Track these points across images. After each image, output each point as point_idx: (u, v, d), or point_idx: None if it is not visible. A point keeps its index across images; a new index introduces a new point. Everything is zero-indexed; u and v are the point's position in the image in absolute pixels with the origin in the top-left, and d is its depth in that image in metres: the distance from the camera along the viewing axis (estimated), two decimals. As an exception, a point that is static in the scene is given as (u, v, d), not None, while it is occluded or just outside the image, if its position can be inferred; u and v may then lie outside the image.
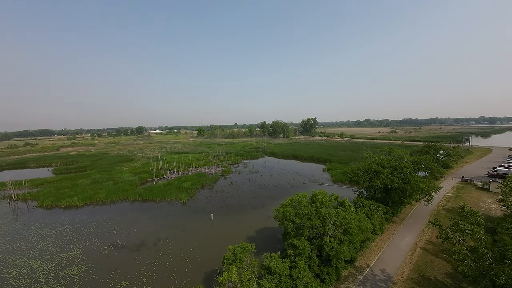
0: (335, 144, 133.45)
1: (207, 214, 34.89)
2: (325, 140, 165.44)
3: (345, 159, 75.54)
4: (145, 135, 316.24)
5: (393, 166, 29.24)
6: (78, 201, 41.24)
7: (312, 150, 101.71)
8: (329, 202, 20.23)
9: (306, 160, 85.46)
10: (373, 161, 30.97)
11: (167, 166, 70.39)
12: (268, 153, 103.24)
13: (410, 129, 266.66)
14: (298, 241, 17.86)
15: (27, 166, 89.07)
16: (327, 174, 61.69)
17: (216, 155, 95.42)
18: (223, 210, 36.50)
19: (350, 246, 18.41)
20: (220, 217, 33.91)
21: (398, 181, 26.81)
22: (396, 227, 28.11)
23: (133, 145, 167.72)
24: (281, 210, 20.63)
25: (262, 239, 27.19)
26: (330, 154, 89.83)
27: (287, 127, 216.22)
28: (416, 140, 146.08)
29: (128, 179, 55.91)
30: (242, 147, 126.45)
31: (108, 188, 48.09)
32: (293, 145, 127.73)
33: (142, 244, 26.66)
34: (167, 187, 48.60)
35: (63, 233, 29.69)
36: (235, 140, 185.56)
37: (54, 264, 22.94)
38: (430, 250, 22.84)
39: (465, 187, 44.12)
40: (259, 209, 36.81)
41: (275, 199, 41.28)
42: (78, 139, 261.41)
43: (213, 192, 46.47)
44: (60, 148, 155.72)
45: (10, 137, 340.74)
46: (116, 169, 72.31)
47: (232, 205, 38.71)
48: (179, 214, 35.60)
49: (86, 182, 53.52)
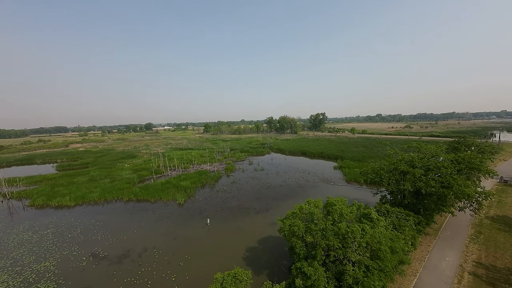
0: (346, 140, 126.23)
1: (204, 218, 30.94)
2: (335, 136, 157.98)
3: (358, 156, 69.53)
4: (153, 132, 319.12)
5: (426, 165, 23.71)
6: (70, 200, 38.62)
7: (322, 146, 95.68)
8: (350, 213, 15.41)
9: (315, 156, 79.87)
10: (400, 160, 25.45)
11: (169, 163, 67.51)
12: (275, 149, 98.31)
13: (426, 124, 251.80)
14: (310, 269, 13.28)
15: (33, 162, 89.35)
16: (339, 172, 56.19)
17: (220, 152, 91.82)
18: (222, 214, 32.43)
19: (381, 276, 13.60)
20: (217, 222, 29.85)
21: (436, 184, 21.37)
22: (431, 241, 22.81)
23: (139, 141, 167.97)
24: (287, 223, 16.06)
25: (264, 252, 22.85)
26: (341, 150, 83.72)
27: (294, 123, 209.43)
28: (435, 135, 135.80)
29: (127, 177, 53.16)
30: (248, 143, 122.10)
31: (103, 186, 45.37)
32: (301, 141, 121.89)
33: (125, 254, 23.08)
34: (165, 185, 45.22)
35: (44, 239, 26.74)
36: (241, 136, 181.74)
37: (21, 279, 19.74)
38: (483, 277, 17.52)
39: (506, 190, 37.51)
40: (262, 213, 32.42)
41: (281, 201, 36.74)
42: (89, 135, 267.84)
43: (213, 192, 42.56)
44: (69, 144, 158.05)
45: (27, 134, 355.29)
46: (118, 165, 70.25)
47: (233, 208, 34.55)
48: (173, 217, 31.88)
49: (83, 180, 51.25)
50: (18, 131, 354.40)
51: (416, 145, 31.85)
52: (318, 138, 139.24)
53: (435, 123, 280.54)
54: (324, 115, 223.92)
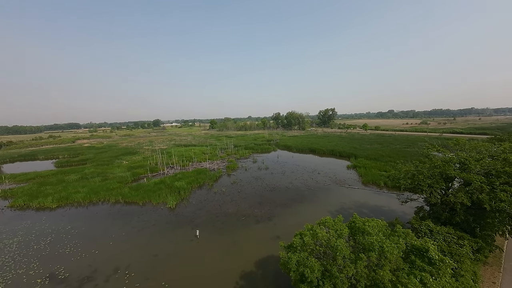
0: (358, 136, 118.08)
1: (195, 227, 26.07)
2: (346, 132, 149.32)
3: (373, 154, 62.41)
4: (160, 128, 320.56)
5: (487, 170, 17.30)
6: (52, 202, 34.93)
7: (332, 143, 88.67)
8: (395, 250, 9.65)
9: (325, 154, 73.29)
10: (448, 161, 18.98)
11: (168, 160, 63.50)
12: (281, 146, 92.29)
13: (443, 120, 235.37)
14: None
15: (36, 158, 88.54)
16: (354, 172, 49.73)
17: (223, 149, 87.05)
18: (217, 222, 27.39)
19: None
20: (209, 233, 24.84)
21: (507, 197, 15.09)
22: (493, 273, 16.62)
23: (145, 137, 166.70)
24: (293, 259, 10.55)
25: (264, 280, 17.56)
26: (354, 147, 76.61)
27: (302, 119, 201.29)
28: (458, 132, 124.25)
29: (120, 175, 49.41)
30: (253, 139, 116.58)
31: (92, 186, 41.59)
32: (309, 138, 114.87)
33: (90, 277, 18.53)
34: (158, 186, 40.84)
35: (6, 250, 22.76)
36: (247, 133, 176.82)
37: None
38: None
39: None
40: (264, 223, 27.08)
41: (286, 207, 31.23)
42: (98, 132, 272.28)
43: (210, 194, 37.66)
44: (76, 140, 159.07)
45: (42, 130, 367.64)
46: (116, 162, 67.09)
47: (230, 215, 29.44)
48: (159, 225, 27.21)
49: (74, 178, 47.90)
50: (34, 128, 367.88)
51: (455, 142, 24.60)
52: (327, 135, 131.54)
53: (453, 119, 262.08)
54: (334, 111, 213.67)
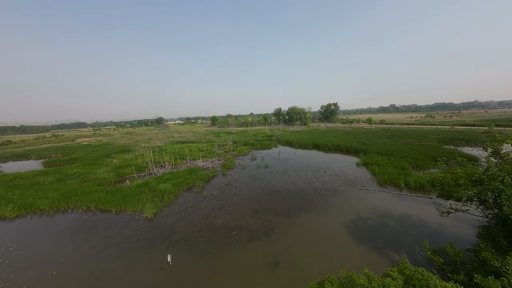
0: (364, 130, 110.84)
1: (170, 246, 20.35)
2: (350, 127, 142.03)
3: (385, 149, 55.39)
4: (163, 126, 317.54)
5: None
6: (13, 210, 29.82)
7: (338, 138, 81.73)
8: None
9: (330, 150, 66.53)
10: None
11: (160, 158, 58.20)
12: (283, 142, 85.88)
13: (449, 114, 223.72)
14: None
15: (29, 158, 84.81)
16: (365, 170, 43.10)
17: (221, 145, 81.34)
18: (199, 240, 21.53)
19: None
20: (186, 257, 18.98)
21: None
22: None
23: (145, 135, 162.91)
24: None
25: None
26: (361, 142, 69.58)
27: (304, 114, 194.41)
28: (470, 124, 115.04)
29: (102, 176, 44.21)
30: (254, 135, 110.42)
31: (65, 190, 36.38)
32: (312, 133, 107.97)
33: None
34: (140, 189, 35.36)
35: None
36: (248, 129, 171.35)
37: None
38: None
39: None
40: (259, 240, 21.07)
41: (289, 217, 25.14)
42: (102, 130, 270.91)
43: (199, 199, 31.90)
44: (76, 138, 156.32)
45: (49, 129, 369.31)
46: (105, 161, 62.24)
47: (217, 228, 23.57)
48: (125, 244, 21.54)
49: (50, 180, 42.88)
50: (41, 127, 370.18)
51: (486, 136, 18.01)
52: (331, 129, 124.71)
53: (458, 112, 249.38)
54: (336, 105, 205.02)
